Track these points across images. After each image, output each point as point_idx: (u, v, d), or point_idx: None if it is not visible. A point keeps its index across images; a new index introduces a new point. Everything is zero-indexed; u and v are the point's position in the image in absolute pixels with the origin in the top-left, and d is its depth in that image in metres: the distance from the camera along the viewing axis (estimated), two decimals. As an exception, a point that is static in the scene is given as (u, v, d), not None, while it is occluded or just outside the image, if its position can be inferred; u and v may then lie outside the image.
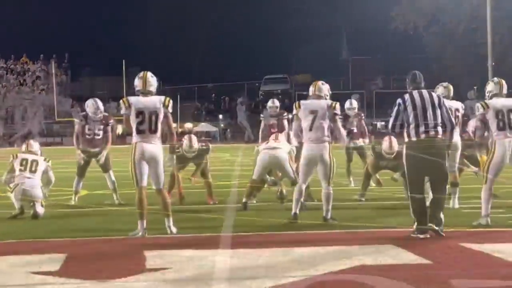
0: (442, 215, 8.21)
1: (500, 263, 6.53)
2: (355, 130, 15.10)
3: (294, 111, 9.62)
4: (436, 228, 8.09)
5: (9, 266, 6.67)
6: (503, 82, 9.52)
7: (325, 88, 9.79)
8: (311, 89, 9.83)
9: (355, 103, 15.45)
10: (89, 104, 12.54)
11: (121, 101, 8.82)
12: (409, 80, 8.64)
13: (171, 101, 8.82)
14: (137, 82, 8.86)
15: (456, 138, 10.55)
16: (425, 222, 8.12)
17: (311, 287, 5.78)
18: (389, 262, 6.65)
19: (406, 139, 8.35)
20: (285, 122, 13.41)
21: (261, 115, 14.00)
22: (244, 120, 59.83)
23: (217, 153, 35.22)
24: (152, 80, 8.87)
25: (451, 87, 10.99)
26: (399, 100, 8.46)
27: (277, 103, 13.84)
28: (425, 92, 8.46)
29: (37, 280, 6.10)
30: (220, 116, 66.21)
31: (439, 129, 8.27)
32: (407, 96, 8.42)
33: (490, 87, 9.47)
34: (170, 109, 8.80)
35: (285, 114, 13.59)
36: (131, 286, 5.91)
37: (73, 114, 45.45)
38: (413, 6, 53.85)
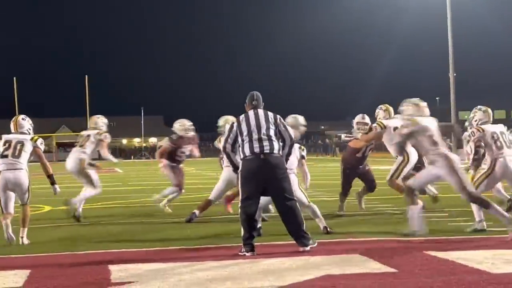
0: (304, 230, 8.05)
1: (464, 270, 6.58)
2: None
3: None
4: (305, 247, 7.95)
5: (-29, 283, 6.56)
6: (490, 110, 10.01)
7: None
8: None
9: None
10: None
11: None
12: (247, 101, 8.50)
13: (39, 138, 9.77)
14: (11, 126, 9.84)
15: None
16: (251, 239, 7.99)
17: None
18: (355, 271, 6.66)
19: (241, 156, 8.20)
20: None
21: None
22: None
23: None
24: (23, 123, 9.85)
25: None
26: (233, 121, 8.47)
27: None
28: (261, 111, 8.36)
29: (0, 297, 6.01)
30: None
31: (275, 144, 8.13)
32: (242, 116, 8.35)
33: (478, 115, 9.93)
34: (40, 145, 9.67)
35: None
36: (96, 301, 5.84)
37: None
38: None
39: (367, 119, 12.45)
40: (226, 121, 11.82)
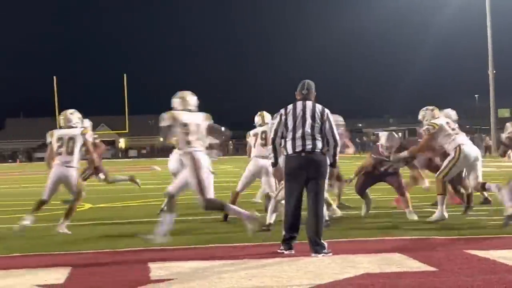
0: (320, 239, 7.72)
1: (505, 269, 6.51)
2: None
3: None
4: (317, 255, 7.56)
5: (15, 280, 6.66)
6: None
7: None
8: None
9: None
10: None
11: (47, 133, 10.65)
12: (298, 89, 8.11)
13: (89, 131, 10.89)
14: (60, 120, 10.80)
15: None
16: (291, 238, 7.86)
17: (317, 296, 5.76)
18: (394, 270, 6.63)
19: (284, 153, 7.95)
20: None
21: None
22: None
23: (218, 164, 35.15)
24: (71, 117, 10.70)
25: None
26: (281, 111, 8.03)
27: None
28: (309, 104, 7.99)
29: (42, 293, 6.09)
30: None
31: (318, 143, 7.83)
32: (289, 107, 8.00)
33: None
34: (89, 137, 10.64)
35: None
36: (136, 298, 5.89)
37: None
38: None
39: (394, 140, 11.50)
40: (261, 117, 11.97)
